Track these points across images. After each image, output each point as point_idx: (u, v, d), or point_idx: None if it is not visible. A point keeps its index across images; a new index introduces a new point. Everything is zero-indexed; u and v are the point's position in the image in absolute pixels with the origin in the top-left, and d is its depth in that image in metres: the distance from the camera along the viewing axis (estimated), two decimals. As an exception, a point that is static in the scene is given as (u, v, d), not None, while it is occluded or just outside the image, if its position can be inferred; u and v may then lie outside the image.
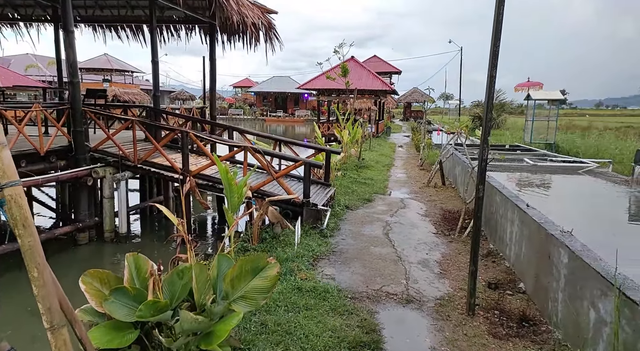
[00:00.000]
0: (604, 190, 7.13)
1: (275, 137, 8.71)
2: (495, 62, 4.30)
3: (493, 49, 4.27)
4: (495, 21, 4.09)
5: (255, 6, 9.96)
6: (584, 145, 14.54)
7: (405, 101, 59.05)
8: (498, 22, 4.13)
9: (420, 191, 11.04)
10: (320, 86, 25.81)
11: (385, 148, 21.37)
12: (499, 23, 4.11)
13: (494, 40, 4.17)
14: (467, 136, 9.68)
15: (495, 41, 4.22)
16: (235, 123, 51.84)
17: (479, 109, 32.34)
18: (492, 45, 4.24)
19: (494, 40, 4.17)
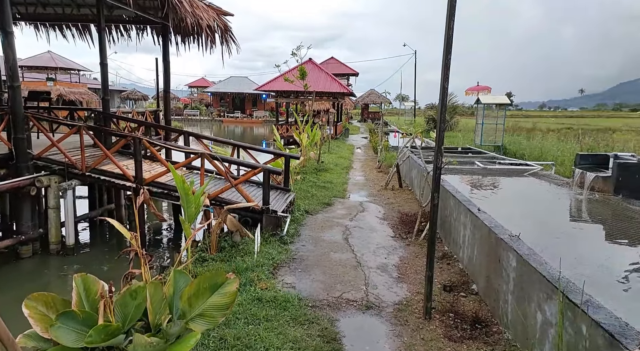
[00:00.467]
0: (547, 192, 7.60)
1: (233, 143, 8.56)
2: (447, 74, 4.45)
3: (445, 61, 4.42)
4: (446, 36, 4.23)
5: (211, 8, 9.75)
6: (529, 147, 15.40)
7: (362, 102, 60.00)
8: (449, 37, 4.29)
9: (378, 194, 11.25)
10: (279, 87, 25.69)
11: (344, 150, 21.60)
12: (450, 37, 4.26)
13: (445, 53, 4.32)
14: (422, 140, 9.98)
15: (446, 54, 4.37)
16: (191, 124, 50.56)
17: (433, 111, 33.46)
18: (443, 58, 4.39)
19: (445, 53, 4.32)
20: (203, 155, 6.49)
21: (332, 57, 47.90)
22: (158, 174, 6.86)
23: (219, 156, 6.68)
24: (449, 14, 4.28)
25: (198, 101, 64.75)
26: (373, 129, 27.65)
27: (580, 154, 7.45)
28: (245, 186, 7.69)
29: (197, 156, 6.65)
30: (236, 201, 6.80)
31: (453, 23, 4.31)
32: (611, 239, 5.26)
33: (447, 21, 4.30)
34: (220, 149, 9.01)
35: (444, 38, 4.35)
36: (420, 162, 10.14)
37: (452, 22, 4.30)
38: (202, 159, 6.55)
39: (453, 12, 4.28)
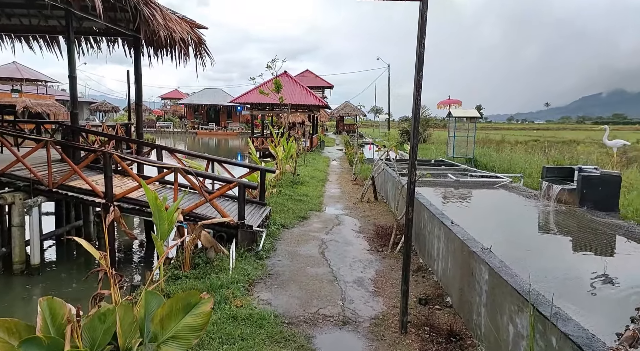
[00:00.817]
0: (517, 204, 7.84)
1: (208, 157, 8.45)
2: (419, 90, 4.57)
3: (417, 78, 4.54)
4: (418, 54, 4.35)
5: (184, 21, 9.69)
6: (498, 159, 15.87)
7: (337, 115, 60.53)
8: (420, 55, 4.41)
9: (354, 207, 11.31)
10: (254, 100, 25.65)
11: (320, 163, 21.67)
12: (421, 56, 4.39)
13: (417, 71, 4.44)
14: (397, 153, 10.14)
15: (418, 72, 4.49)
16: (164, 136, 49.68)
17: (406, 123, 34.07)
18: (415, 75, 4.51)
19: (417, 71, 4.44)
20: (177, 170, 6.38)
21: (307, 70, 48.33)
22: (129, 189, 6.68)
23: (193, 171, 6.58)
24: (420, 33, 4.42)
25: (171, 113, 63.84)
26: (348, 142, 27.90)
27: (547, 167, 7.73)
28: (220, 201, 7.59)
29: (171, 171, 6.53)
30: (211, 216, 6.69)
31: (424, 41, 4.44)
32: (578, 251, 5.46)
33: (418, 40, 4.43)
34: (194, 163, 8.87)
35: (416, 56, 4.47)
36: (394, 175, 10.28)
37: (423, 41, 4.43)
38: (176, 173, 6.44)
39: (424, 31, 4.41)
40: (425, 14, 4.19)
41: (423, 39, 4.41)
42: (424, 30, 4.37)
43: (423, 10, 4.19)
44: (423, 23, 4.31)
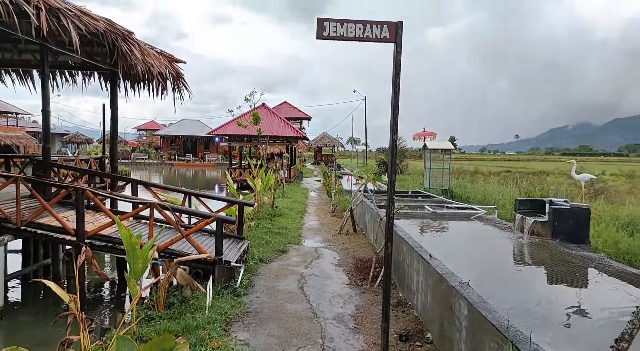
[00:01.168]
0: (492, 236, 7.98)
1: (185, 191, 8.34)
2: (395, 126, 4.70)
3: (393, 113, 4.68)
4: (393, 93, 4.51)
5: (162, 55, 9.77)
6: (473, 191, 16.24)
7: (315, 146, 61.14)
8: (396, 93, 4.57)
9: (333, 239, 11.26)
10: (232, 131, 25.72)
11: (298, 194, 21.65)
12: (397, 94, 4.54)
13: (393, 108, 4.58)
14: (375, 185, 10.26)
15: (394, 108, 4.64)
16: (139, 168, 48.84)
17: (383, 155, 34.67)
18: (392, 112, 4.65)
19: (393, 108, 4.58)
20: (152, 205, 6.25)
21: (285, 101, 49.07)
22: (102, 226, 6.48)
23: (170, 206, 6.46)
24: (395, 73, 4.59)
25: (147, 144, 63.11)
26: (326, 173, 28.08)
27: (520, 200, 7.96)
28: (197, 236, 7.43)
29: (146, 206, 6.40)
30: (187, 252, 6.53)
31: (399, 80, 4.62)
32: (553, 283, 5.56)
33: (393, 79, 4.60)
34: (170, 196, 8.73)
35: (392, 94, 4.63)
36: (373, 207, 10.36)
37: (398, 80, 4.61)
38: (151, 209, 6.30)
39: (399, 70, 4.59)
40: (400, 55, 4.38)
41: (398, 78, 4.59)
42: (398, 70, 4.55)
43: (397, 51, 4.38)
44: (398, 63, 4.50)
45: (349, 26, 4.22)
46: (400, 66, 4.36)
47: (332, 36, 4.20)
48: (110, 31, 6.89)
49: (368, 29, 4.27)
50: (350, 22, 4.22)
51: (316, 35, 4.22)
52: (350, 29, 4.22)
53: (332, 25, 4.23)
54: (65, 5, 5.58)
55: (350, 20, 4.23)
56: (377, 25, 4.25)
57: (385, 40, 4.31)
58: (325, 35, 4.19)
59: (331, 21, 4.19)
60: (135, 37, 8.07)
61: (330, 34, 4.21)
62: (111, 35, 7.00)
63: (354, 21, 4.23)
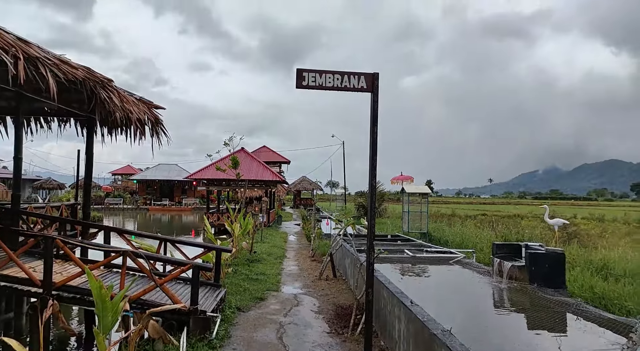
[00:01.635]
0: (471, 280, 7.98)
1: (160, 237, 8.10)
2: (374, 172, 4.79)
3: (371, 159, 4.79)
4: (371, 140, 4.65)
5: (142, 102, 9.82)
6: (451, 234, 16.40)
7: (295, 189, 61.17)
8: (374, 140, 4.71)
9: (312, 285, 11.02)
10: (210, 176, 25.58)
11: (277, 238, 21.36)
12: (375, 142, 4.68)
13: (372, 155, 4.70)
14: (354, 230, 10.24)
15: (372, 155, 4.76)
16: (113, 213, 47.47)
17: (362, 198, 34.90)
18: (370, 157, 4.76)
19: (372, 155, 4.70)
20: (125, 253, 6.03)
21: (264, 145, 49.53)
22: (71, 276, 6.17)
23: (144, 253, 6.24)
24: (372, 121, 4.76)
25: (122, 189, 61.83)
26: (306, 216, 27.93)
27: (497, 244, 8.07)
28: (171, 284, 7.15)
29: (119, 255, 6.17)
30: (160, 302, 6.24)
31: (376, 128, 4.77)
32: (533, 329, 5.54)
33: (371, 127, 4.75)
34: (145, 243, 8.46)
35: (370, 141, 4.76)
36: (352, 251, 10.27)
37: (375, 128, 4.76)
38: (124, 257, 6.07)
39: (376, 119, 4.76)
40: (377, 104, 4.57)
41: (375, 126, 4.74)
42: (376, 118, 4.72)
43: (374, 100, 4.57)
44: (375, 112, 4.67)
45: (327, 76, 4.41)
46: (377, 115, 4.52)
47: (311, 85, 4.36)
48: (89, 79, 6.93)
49: (346, 80, 4.46)
50: (329, 72, 4.42)
51: (296, 85, 4.38)
52: (328, 79, 4.40)
53: (311, 76, 4.40)
54: (44, 54, 5.62)
55: (329, 71, 4.42)
56: (355, 76, 4.45)
57: (362, 90, 4.50)
58: (305, 84, 4.35)
59: (310, 72, 4.38)
60: (114, 85, 8.13)
61: (309, 83, 4.37)
62: (90, 83, 7.02)
63: (332, 72, 4.43)
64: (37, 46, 5.87)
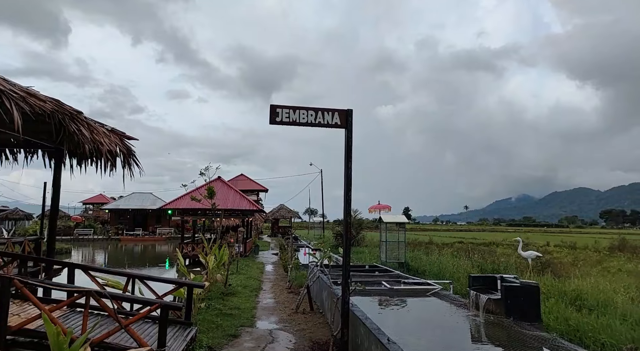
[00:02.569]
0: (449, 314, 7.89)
1: (128, 273, 7.73)
2: (348, 209, 4.75)
3: (345, 197, 4.75)
4: (345, 175, 4.63)
5: (113, 133, 9.60)
6: (428, 263, 16.38)
7: (273, 217, 60.58)
8: (348, 175, 4.69)
9: (289, 319, 10.70)
10: (185, 205, 25.04)
11: (254, 269, 20.88)
12: (349, 176, 4.66)
13: (346, 191, 4.67)
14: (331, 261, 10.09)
15: (347, 191, 4.72)
16: (82, 244, 45.64)
17: (340, 227, 34.76)
18: (345, 195, 4.72)
19: (346, 191, 4.67)
20: (89, 293, 5.70)
21: (241, 174, 49.20)
22: (29, 319, 5.76)
23: (108, 293, 5.92)
24: (347, 157, 4.75)
25: (93, 219, 59.80)
26: (283, 245, 27.49)
27: (473, 276, 8.06)
28: (138, 324, 6.77)
29: (82, 295, 5.82)
30: (125, 345, 5.88)
31: (351, 164, 4.76)
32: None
33: (345, 162, 4.74)
34: (112, 280, 8.06)
35: (344, 176, 4.73)
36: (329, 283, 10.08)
37: (349, 163, 4.75)
38: (87, 298, 5.74)
39: (350, 154, 4.77)
40: (351, 140, 4.57)
41: (350, 161, 4.73)
42: (350, 154, 4.72)
43: (348, 137, 4.58)
44: (349, 147, 4.67)
45: (301, 113, 4.40)
46: (352, 150, 4.52)
47: (284, 122, 4.34)
48: (57, 111, 6.74)
49: (320, 116, 4.46)
50: (302, 109, 4.41)
51: (269, 121, 4.35)
52: (302, 115, 4.40)
53: (285, 112, 4.38)
54: (10, 87, 5.44)
55: (303, 107, 4.41)
56: (329, 112, 4.46)
57: (336, 126, 4.51)
58: (278, 121, 4.33)
59: (284, 108, 4.36)
60: (84, 117, 7.94)
61: (282, 119, 4.35)
62: (58, 116, 6.82)
63: (305, 108, 4.42)
64: (3, 78, 5.70)
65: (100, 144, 8.50)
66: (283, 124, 4.39)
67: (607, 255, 29.31)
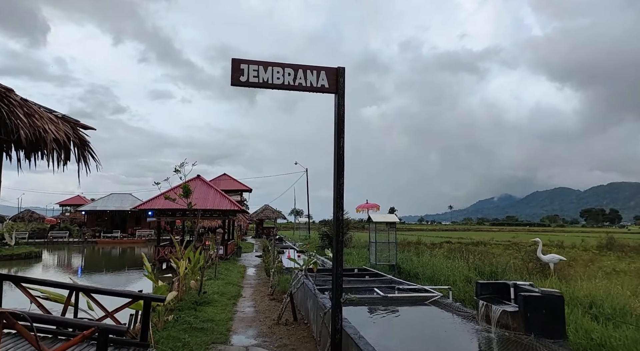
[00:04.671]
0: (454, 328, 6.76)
1: (70, 285, 6.37)
2: (340, 201, 3.57)
3: (336, 185, 3.58)
4: (336, 157, 3.44)
5: (64, 120, 8.22)
6: (421, 265, 15.31)
7: (257, 218, 59.18)
8: (339, 158, 3.50)
9: (269, 332, 9.47)
10: (161, 206, 23.52)
11: (234, 273, 19.56)
12: (340, 159, 3.48)
13: (337, 182, 3.48)
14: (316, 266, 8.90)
15: (338, 180, 3.54)
16: (56, 247, 43.48)
17: (327, 227, 33.58)
18: (335, 183, 3.55)
19: (337, 182, 3.48)
20: (2, 315, 4.40)
21: (224, 173, 47.69)
22: None
23: (27, 314, 4.60)
24: (338, 128, 3.58)
25: (69, 221, 57.42)
26: (267, 247, 26.19)
27: (481, 283, 6.94)
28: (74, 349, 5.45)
29: (-5, 316, 4.51)
30: (53, 380, 4.58)
31: (343, 136, 3.58)
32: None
33: (335, 134, 3.57)
34: (55, 293, 6.71)
35: (334, 158, 3.56)
36: (316, 291, 8.90)
37: (341, 140, 3.58)
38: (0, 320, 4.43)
39: (342, 125, 3.58)
40: (342, 108, 3.39)
41: (342, 137, 3.56)
42: (342, 127, 3.53)
43: (339, 103, 3.40)
44: (341, 118, 3.50)
45: (276, 71, 3.18)
46: (344, 122, 3.35)
47: (252, 82, 3.12)
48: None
49: (301, 76, 3.26)
50: (277, 65, 3.20)
51: (231, 81, 3.13)
52: (276, 74, 3.18)
53: (253, 70, 3.17)
54: None
55: (277, 63, 3.21)
56: (313, 71, 3.26)
57: (323, 90, 3.32)
58: (244, 80, 3.12)
59: (251, 63, 3.14)
60: (18, 96, 6.58)
61: (249, 79, 3.14)
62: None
63: (281, 64, 3.22)
64: None
65: (44, 131, 7.11)
66: (250, 86, 3.19)
67: (596, 254, 28.87)
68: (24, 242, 41.55)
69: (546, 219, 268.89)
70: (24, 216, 62.18)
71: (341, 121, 3.40)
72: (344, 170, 3.41)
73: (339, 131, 3.43)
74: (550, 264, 7.48)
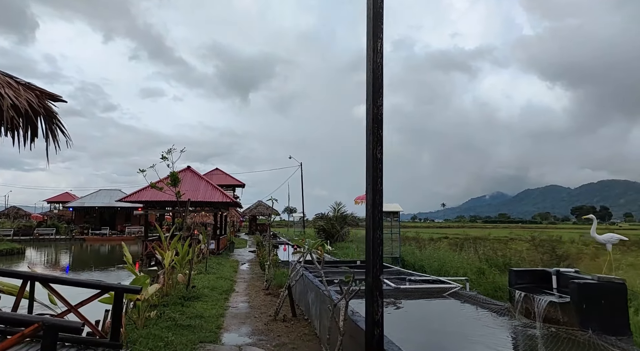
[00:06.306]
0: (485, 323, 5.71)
1: (24, 274, 5.23)
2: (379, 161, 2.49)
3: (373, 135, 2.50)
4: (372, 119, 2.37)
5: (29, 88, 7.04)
6: (426, 258, 14.34)
7: (250, 215, 58.02)
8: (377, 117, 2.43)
9: (265, 329, 8.42)
10: (149, 198, 22.30)
11: (226, 268, 18.45)
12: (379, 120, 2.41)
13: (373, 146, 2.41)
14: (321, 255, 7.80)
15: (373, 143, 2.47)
16: (43, 244, 42.05)
17: (322, 221, 32.55)
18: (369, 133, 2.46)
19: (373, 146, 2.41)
20: None
21: (216, 168, 46.45)
22: None
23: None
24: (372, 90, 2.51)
25: (56, 218, 55.77)
26: (260, 242, 25.12)
27: (515, 271, 5.92)
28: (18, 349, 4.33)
29: None
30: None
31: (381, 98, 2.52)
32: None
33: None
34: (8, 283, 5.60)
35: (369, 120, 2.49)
36: (317, 282, 7.86)
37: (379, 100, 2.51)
38: None
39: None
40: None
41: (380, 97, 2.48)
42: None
43: None
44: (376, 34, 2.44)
45: None
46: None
47: None
48: None
49: None
50: None
51: None
52: None
53: None
54: None
55: None
56: None
57: None
58: None
59: None
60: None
61: None
62: None
63: None
64: None
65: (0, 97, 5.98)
66: None
67: (599, 249, 28.22)
68: (9, 239, 40.09)
69: (538, 216, 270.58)
70: (9, 212, 60.40)
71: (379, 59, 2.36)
72: (381, 137, 2.37)
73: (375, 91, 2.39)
74: (608, 245, 6.42)
